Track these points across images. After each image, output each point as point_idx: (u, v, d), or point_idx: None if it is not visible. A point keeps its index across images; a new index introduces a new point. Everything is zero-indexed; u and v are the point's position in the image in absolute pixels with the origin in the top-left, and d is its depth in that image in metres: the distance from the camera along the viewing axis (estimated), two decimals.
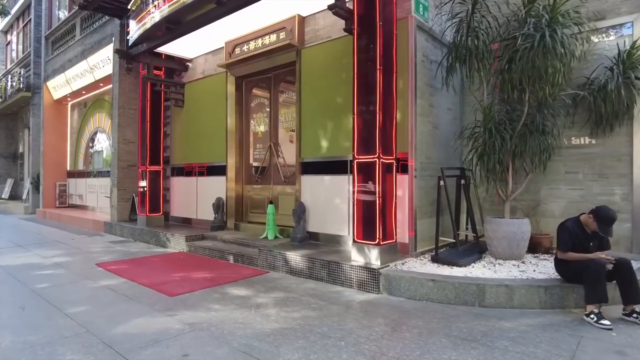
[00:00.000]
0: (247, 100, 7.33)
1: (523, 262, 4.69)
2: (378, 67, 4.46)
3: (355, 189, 4.63)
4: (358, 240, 4.59)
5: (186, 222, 8.16)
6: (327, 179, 5.79)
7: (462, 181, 5.32)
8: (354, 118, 4.65)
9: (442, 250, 4.92)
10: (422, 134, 5.13)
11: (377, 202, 4.43)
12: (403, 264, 4.60)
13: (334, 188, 5.70)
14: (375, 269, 4.28)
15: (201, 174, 7.84)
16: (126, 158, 8.93)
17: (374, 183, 4.46)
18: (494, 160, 4.88)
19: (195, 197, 7.96)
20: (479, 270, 4.39)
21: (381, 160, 4.44)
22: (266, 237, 6.23)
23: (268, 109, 6.99)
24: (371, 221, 4.48)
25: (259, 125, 7.19)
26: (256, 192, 7.14)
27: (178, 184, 8.40)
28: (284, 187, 6.65)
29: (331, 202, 5.72)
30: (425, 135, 5.22)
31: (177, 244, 6.77)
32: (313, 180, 5.95)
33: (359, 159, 4.60)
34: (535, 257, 4.95)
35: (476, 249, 5.09)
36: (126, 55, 7.44)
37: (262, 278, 4.90)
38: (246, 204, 7.29)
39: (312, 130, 5.96)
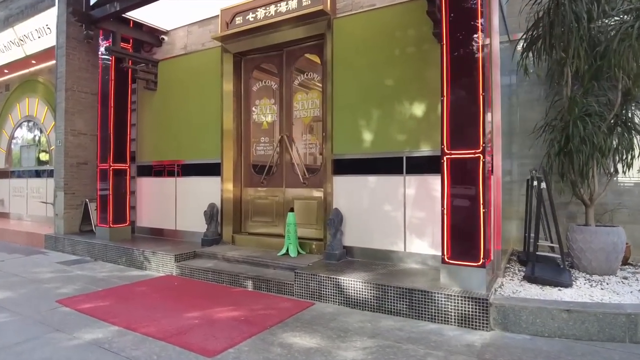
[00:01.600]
0: (247, 83, 5.93)
1: (626, 278, 3.96)
2: (479, 32, 3.45)
3: (447, 193, 3.57)
4: (451, 261, 3.53)
5: (158, 234, 6.52)
6: (372, 180, 4.66)
7: (543, 183, 4.49)
8: (443, 101, 3.59)
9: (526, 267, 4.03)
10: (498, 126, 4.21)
11: (480, 209, 3.42)
12: (500, 286, 3.64)
13: (382, 191, 4.59)
14: (483, 299, 3.26)
15: (184, 173, 6.27)
16: (76, 154, 7.01)
17: (475, 185, 3.44)
18: (582, 158, 4.12)
19: (174, 203, 6.36)
20: (594, 291, 3.56)
21: (483, 156, 3.43)
22: (286, 254, 4.94)
23: (277, 95, 5.68)
24: (471, 235, 3.45)
25: (263, 115, 5.83)
26: (261, 196, 5.78)
27: (148, 186, 6.71)
28: (302, 190, 5.39)
29: (379, 209, 4.60)
30: (502, 128, 4.31)
31: (161, 264, 5.20)
32: (351, 182, 4.78)
33: (452, 154, 3.54)
34: (625, 270, 4.27)
35: (555, 263, 4.29)
36: (86, 18, 5.65)
37: (314, 314, 3.64)
38: (246, 212, 5.89)
39: (349, 120, 4.79)
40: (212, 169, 5.92)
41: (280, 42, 5.43)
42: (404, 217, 4.44)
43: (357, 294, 3.77)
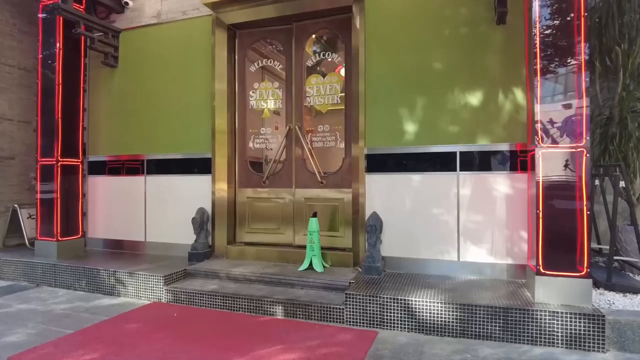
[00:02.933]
0: (242, 62, 4.92)
1: None
2: (576, 11, 2.99)
3: (541, 194, 3.04)
4: (547, 272, 3.02)
5: (119, 247, 5.20)
6: (416, 178, 4.01)
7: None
8: (532, 86, 3.07)
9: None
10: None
11: (583, 211, 2.95)
12: None
13: (429, 191, 3.96)
14: (598, 315, 2.79)
15: (158, 171, 5.04)
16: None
17: (577, 184, 2.96)
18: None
19: (143, 208, 5.09)
20: None
21: (587, 150, 2.97)
22: (309, 268, 4.08)
23: (283, 77, 4.77)
24: (571, 241, 2.97)
25: (263, 101, 4.87)
26: (262, 199, 4.81)
27: (104, 187, 5.32)
28: (318, 191, 4.55)
29: (425, 212, 3.97)
30: None
31: (143, 288, 4.01)
32: (389, 181, 4.08)
33: (547, 148, 3.03)
34: None
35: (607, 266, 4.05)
36: None
37: (390, 347, 2.89)
38: (242, 217, 4.87)
39: (386, 110, 4.09)
40: (200, 165, 4.81)
41: (290, 14, 4.54)
42: (458, 221, 3.86)
43: (434, 317, 3.10)
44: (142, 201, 5.11)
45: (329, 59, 4.59)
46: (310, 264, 4.10)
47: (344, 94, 4.47)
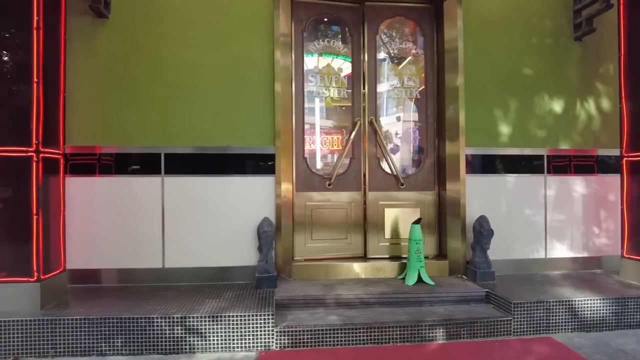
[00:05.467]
0: (298, 40, 4.02)
1: None
2: None
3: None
4: None
5: (116, 280, 3.60)
6: (510, 180, 4.04)
7: None
8: (623, 104, 3.54)
9: None
10: None
11: None
12: None
13: (521, 193, 4.06)
14: None
15: (182, 170, 3.67)
16: None
17: None
18: None
19: (160, 223, 3.65)
20: None
21: None
22: (420, 281, 3.66)
23: (349, 64, 4.12)
24: None
25: (326, 88, 4.11)
26: (325, 204, 4.04)
27: (90, 193, 3.58)
28: (397, 194, 4.11)
29: (518, 213, 4.05)
30: None
31: (239, 335, 2.87)
32: (486, 182, 4.00)
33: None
34: None
35: None
36: None
37: (588, 350, 2.85)
38: (302, 228, 4.00)
39: (482, 110, 4.00)
40: (255, 164, 3.74)
41: None
42: (545, 221, 4.08)
43: (590, 314, 3.20)
44: (157, 212, 3.64)
45: (406, 49, 4.21)
46: (419, 276, 3.67)
47: (423, 88, 4.17)
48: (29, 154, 2.91)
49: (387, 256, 4.07)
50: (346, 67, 4.13)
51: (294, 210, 3.93)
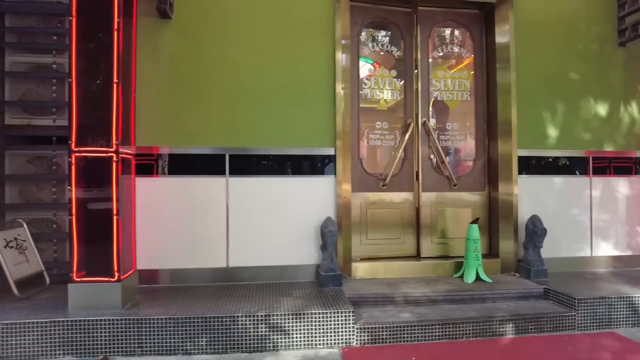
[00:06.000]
0: (354, 41, 4.09)
1: None
2: None
3: None
4: None
5: (177, 280, 3.63)
6: (558, 181, 4.17)
7: None
8: None
9: None
10: None
11: None
12: None
13: (568, 193, 4.19)
14: None
15: (247, 170, 3.72)
16: None
17: None
18: None
19: (225, 222, 3.68)
20: None
21: None
22: (478, 279, 3.76)
23: (402, 66, 4.21)
24: None
25: (379, 90, 4.18)
26: (379, 204, 4.12)
27: (155, 193, 3.60)
28: (450, 194, 4.20)
29: (565, 213, 4.18)
30: None
31: (321, 331, 2.92)
32: (536, 183, 4.12)
33: None
34: None
35: None
36: None
37: None
38: (357, 228, 4.07)
39: (532, 112, 4.12)
40: (315, 164, 3.80)
41: None
42: (590, 221, 4.22)
43: None
44: (221, 212, 3.67)
45: (456, 53, 4.31)
46: (477, 274, 3.77)
47: (473, 90, 4.28)
48: (110, 154, 2.93)
49: (438, 255, 4.16)
50: (398, 70, 4.21)
51: (352, 209, 4.00)
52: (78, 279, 2.91)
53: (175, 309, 2.97)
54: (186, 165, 3.67)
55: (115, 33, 2.95)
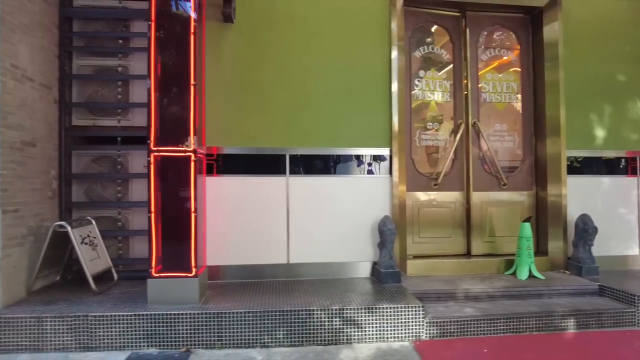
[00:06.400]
0: (407, 43, 4.18)
1: None
2: None
3: None
4: None
5: (241, 276, 3.72)
6: (605, 181, 4.25)
7: None
8: None
9: None
10: None
11: None
12: None
13: (615, 194, 4.27)
14: None
15: (308, 170, 3.82)
16: (19, 122, 3.11)
17: None
18: None
19: (286, 220, 3.79)
20: None
21: None
22: (531, 275, 3.84)
23: (452, 68, 4.31)
24: None
25: (430, 92, 4.29)
26: (431, 204, 4.21)
27: (222, 192, 3.71)
28: (499, 194, 4.29)
29: (613, 212, 4.26)
30: None
31: (392, 325, 3.01)
32: (585, 183, 4.20)
33: None
34: None
35: None
36: None
37: None
38: (411, 226, 4.15)
39: (580, 114, 4.20)
40: (371, 164, 3.90)
41: (465, 1, 4.17)
42: (638, 220, 4.29)
43: None
44: (282, 210, 3.78)
45: (504, 56, 4.40)
46: (531, 271, 3.85)
47: (520, 92, 4.37)
48: (188, 153, 3.04)
49: (487, 253, 4.24)
50: (448, 72, 4.31)
51: (406, 208, 4.09)
52: (157, 275, 3.02)
53: (250, 303, 3.07)
54: (247, 165, 3.78)
55: (192, 36, 3.06)
